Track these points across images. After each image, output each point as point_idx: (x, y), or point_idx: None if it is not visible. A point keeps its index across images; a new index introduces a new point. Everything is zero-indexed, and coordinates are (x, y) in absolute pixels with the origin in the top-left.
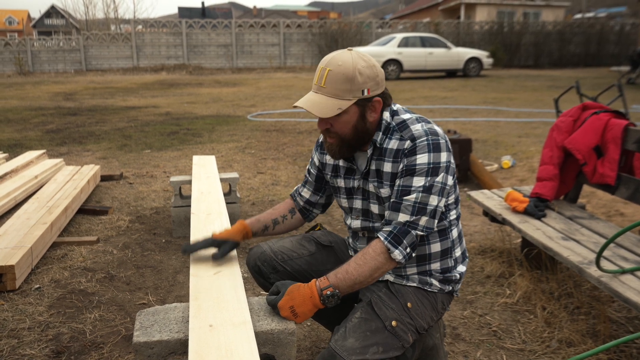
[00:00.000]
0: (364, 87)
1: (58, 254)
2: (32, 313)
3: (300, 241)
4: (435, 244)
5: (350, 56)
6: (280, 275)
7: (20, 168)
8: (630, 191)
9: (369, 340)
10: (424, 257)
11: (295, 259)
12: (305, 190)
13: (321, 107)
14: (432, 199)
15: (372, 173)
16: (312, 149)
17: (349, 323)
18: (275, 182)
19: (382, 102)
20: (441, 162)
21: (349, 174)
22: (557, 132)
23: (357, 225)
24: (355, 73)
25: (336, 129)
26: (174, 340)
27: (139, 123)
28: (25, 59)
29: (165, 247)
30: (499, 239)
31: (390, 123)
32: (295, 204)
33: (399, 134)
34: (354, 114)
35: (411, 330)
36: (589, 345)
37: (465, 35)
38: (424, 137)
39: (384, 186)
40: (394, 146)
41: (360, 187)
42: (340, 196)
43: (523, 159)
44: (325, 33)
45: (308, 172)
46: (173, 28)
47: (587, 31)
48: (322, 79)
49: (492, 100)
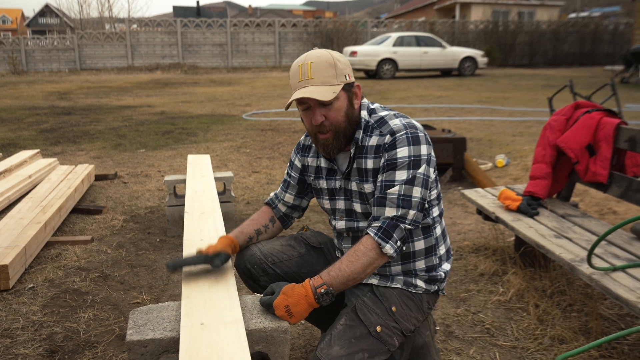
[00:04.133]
0: (345, 72)
1: (52, 253)
2: (26, 312)
3: (290, 242)
4: (419, 242)
5: (322, 49)
6: (271, 278)
7: (14, 167)
8: (622, 189)
9: (354, 347)
10: (408, 255)
11: (285, 261)
12: (288, 195)
13: (319, 92)
14: (416, 190)
15: (353, 172)
16: None
17: (333, 330)
18: (270, 181)
19: (361, 89)
20: (422, 155)
21: (331, 175)
22: (550, 131)
23: (342, 225)
24: (335, 60)
25: (331, 119)
26: (167, 339)
27: (133, 122)
28: (19, 58)
29: (160, 247)
30: (493, 237)
31: (369, 121)
32: (275, 212)
33: (378, 130)
34: (344, 99)
35: (396, 334)
36: (580, 342)
37: (460, 34)
38: (403, 131)
39: (367, 182)
40: (374, 142)
41: (342, 187)
42: (322, 197)
43: (517, 157)
44: (321, 32)
45: (288, 176)
46: (168, 27)
47: (581, 30)
48: (306, 73)
49: (486, 99)
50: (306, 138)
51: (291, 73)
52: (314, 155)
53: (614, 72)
